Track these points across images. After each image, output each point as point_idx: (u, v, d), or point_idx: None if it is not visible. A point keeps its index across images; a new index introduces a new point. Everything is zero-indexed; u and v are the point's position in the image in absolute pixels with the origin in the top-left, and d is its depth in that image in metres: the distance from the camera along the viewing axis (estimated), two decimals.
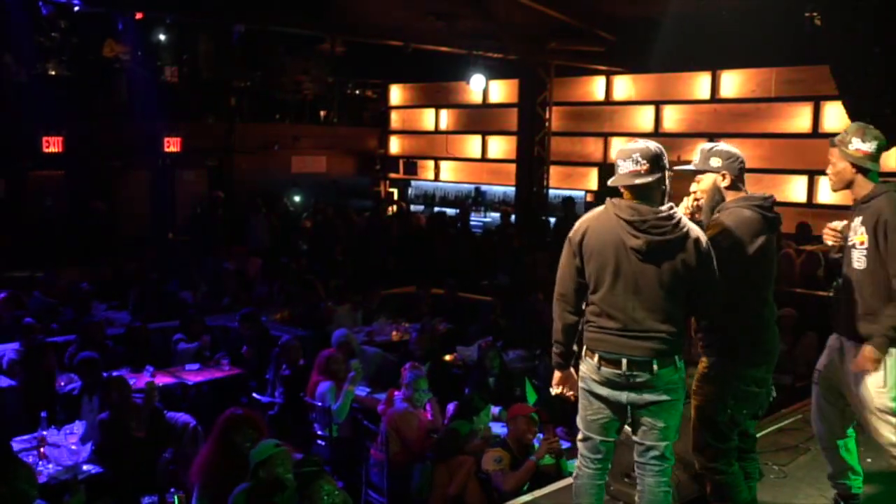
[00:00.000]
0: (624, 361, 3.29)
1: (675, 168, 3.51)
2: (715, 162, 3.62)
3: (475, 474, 5.21)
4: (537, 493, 4.58)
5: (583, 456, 3.50)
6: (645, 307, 3.28)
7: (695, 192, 3.67)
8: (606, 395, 3.36)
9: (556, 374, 3.53)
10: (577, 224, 3.40)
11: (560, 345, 3.46)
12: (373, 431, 6.35)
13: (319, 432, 6.61)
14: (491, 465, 5.07)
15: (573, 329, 3.42)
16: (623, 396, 3.35)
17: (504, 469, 5.04)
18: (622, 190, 3.34)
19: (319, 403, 6.56)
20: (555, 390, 3.56)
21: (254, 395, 7.30)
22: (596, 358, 3.33)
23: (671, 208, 3.32)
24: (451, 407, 6.20)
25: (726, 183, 3.61)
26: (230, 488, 4.68)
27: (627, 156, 3.28)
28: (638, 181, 3.26)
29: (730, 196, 3.61)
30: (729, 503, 3.53)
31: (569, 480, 3.89)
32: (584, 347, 3.39)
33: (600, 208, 3.38)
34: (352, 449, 6.55)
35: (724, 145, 3.71)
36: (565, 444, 5.37)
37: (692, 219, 3.56)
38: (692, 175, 3.74)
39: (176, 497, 3.65)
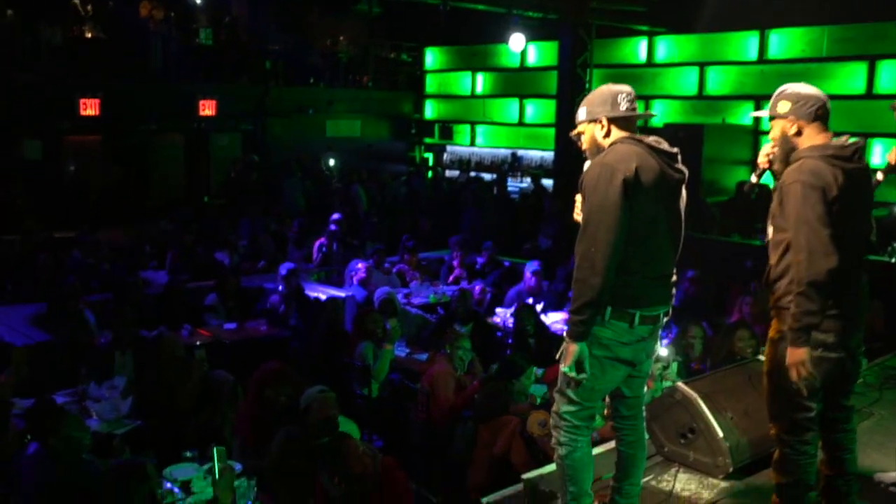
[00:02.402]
0: (662, 314, 3.06)
1: (753, 114, 3.25)
2: (783, 107, 3.20)
3: (520, 434, 5.06)
4: None
5: (576, 428, 3.09)
6: (672, 248, 3.10)
7: (773, 140, 3.28)
8: (631, 358, 3.05)
9: (575, 349, 2.93)
10: (620, 163, 2.91)
11: (595, 308, 2.89)
12: (413, 392, 6.25)
13: (358, 392, 6.52)
14: (536, 429, 4.89)
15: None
16: (643, 352, 3.11)
17: (550, 432, 4.87)
18: (618, 129, 3.06)
19: (358, 363, 6.47)
20: (579, 374, 2.96)
21: (292, 354, 7.22)
22: (637, 317, 2.96)
23: None
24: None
25: (794, 130, 3.17)
26: (267, 441, 4.63)
27: (625, 94, 3.09)
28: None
29: (803, 144, 3.18)
30: (790, 478, 3.21)
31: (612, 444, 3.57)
32: (611, 309, 2.94)
33: (624, 146, 2.99)
34: (391, 409, 6.46)
35: (797, 87, 3.22)
36: None
37: (769, 169, 3.32)
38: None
39: (215, 449, 3.55)
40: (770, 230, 3.20)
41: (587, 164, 3.11)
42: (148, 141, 14.32)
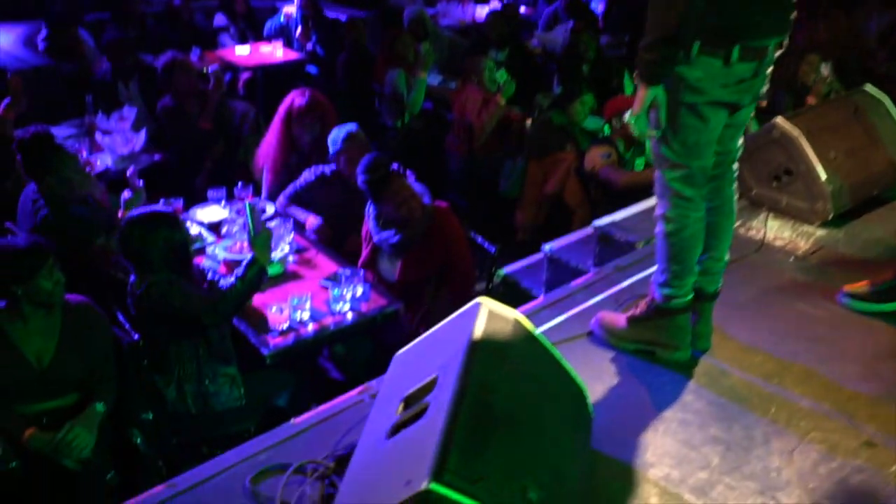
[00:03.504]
0: (772, 46, 2.29)
1: None
2: None
3: (575, 172, 4.61)
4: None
5: (688, 201, 2.41)
6: None
7: None
8: (735, 100, 2.33)
9: (645, 93, 2.25)
10: None
11: (669, 46, 2.20)
12: (447, 122, 5.75)
13: (388, 123, 5.99)
14: (599, 161, 4.39)
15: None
16: (747, 94, 2.35)
17: (614, 164, 4.38)
18: None
19: (388, 91, 5.87)
20: (652, 128, 2.32)
21: (311, 81, 6.60)
22: (735, 52, 2.22)
23: None
24: None
25: None
26: (296, 176, 4.23)
27: None
28: None
29: None
30: None
31: None
32: (700, 43, 2.20)
33: None
34: (424, 140, 5.97)
35: None
36: None
37: None
38: None
39: (248, 205, 3.09)
40: None
41: None
42: None
